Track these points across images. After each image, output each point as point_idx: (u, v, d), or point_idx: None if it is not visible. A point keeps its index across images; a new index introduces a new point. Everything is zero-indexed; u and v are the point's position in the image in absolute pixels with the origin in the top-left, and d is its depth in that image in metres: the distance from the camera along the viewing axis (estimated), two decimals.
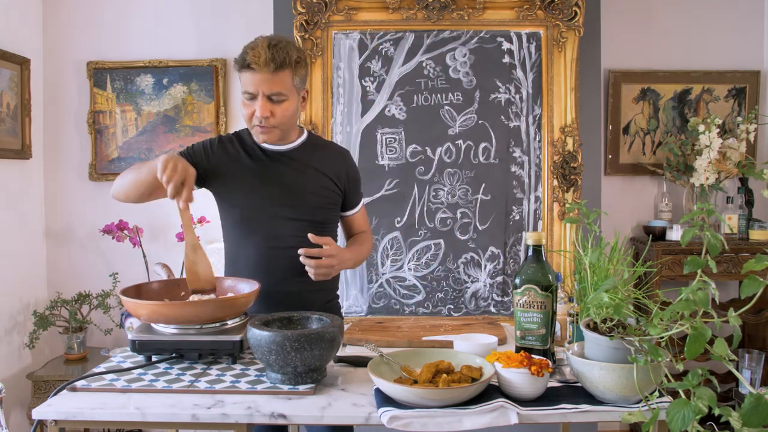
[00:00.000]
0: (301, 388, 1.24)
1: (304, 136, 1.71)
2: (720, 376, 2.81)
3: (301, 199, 1.64)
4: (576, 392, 1.22)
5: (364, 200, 2.66)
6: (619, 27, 3.05)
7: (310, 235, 1.53)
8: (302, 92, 1.63)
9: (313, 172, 1.67)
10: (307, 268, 1.54)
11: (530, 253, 1.37)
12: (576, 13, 2.65)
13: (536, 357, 1.22)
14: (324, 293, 1.70)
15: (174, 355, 1.38)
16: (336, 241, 1.76)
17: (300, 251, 1.53)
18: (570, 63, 2.65)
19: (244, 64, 1.53)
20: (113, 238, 2.80)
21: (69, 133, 3.04)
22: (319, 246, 1.54)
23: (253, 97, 1.54)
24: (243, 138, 1.69)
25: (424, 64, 2.70)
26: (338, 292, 1.83)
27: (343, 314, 2.65)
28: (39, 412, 1.15)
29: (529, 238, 1.37)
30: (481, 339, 1.47)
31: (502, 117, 2.69)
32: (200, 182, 1.65)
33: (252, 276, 1.61)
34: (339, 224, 1.83)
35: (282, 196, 1.63)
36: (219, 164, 1.64)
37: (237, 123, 3.02)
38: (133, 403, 1.17)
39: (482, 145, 2.70)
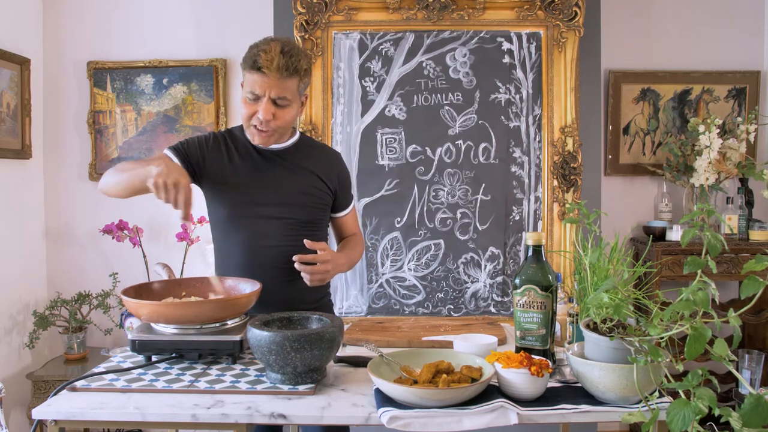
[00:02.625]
0: (301, 388, 1.24)
1: (297, 136, 1.71)
2: (720, 376, 2.81)
3: (292, 198, 1.64)
4: (576, 392, 1.21)
5: (365, 200, 2.69)
6: (619, 27, 3.05)
7: (306, 241, 1.53)
8: (302, 98, 1.64)
9: (305, 172, 1.67)
10: (302, 274, 1.54)
11: (530, 253, 1.37)
12: (576, 14, 2.65)
13: (536, 357, 1.22)
14: (315, 291, 1.69)
15: (174, 355, 1.38)
16: (327, 238, 1.78)
17: (294, 258, 1.53)
18: (570, 63, 2.65)
19: (255, 65, 1.51)
20: (113, 238, 2.80)
21: (69, 133, 3.04)
22: (314, 251, 1.54)
23: (257, 98, 1.54)
24: (236, 136, 1.69)
25: (424, 64, 2.70)
26: (330, 290, 1.83)
27: (342, 314, 2.67)
28: (39, 412, 1.15)
29: (529, 238, 1.37)
30: (481, 339, 1.47)
31: (502, 117, 2.69)
32: (193, 178, 1.64)
33: (240, 275, 1.61)
34: (327, 226, 1.83)
35: (272, 195, 1.63)
36: (212, 161, 1.64)
37: (237, 123, 3.01)
38: (133, 403, 1.17)
39: (482, 145, 2.70)
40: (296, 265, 1.53)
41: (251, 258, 1.63)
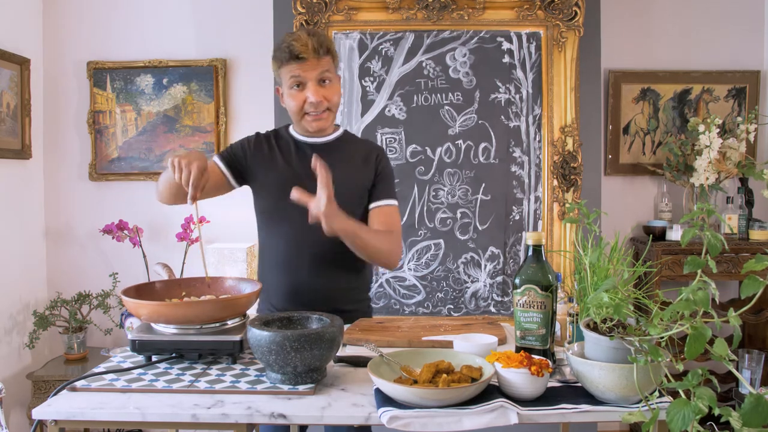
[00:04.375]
0: (301, 388, 1.23)
1: (340, 131, 1.73)
2: (720, 376, 2.81)
3: (333, 192, 1.62)
4: (576, 392, 1.21)
5: None
6: (619, 27, 3.05)
7: (314, 160, 1.46)
8: (338, 77, 1.67)
9: (346, 166, 1.66)
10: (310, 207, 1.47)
11: (530, 253, 1.36)
12: (576, 13, 2.65)
13: (536, 357, 1.21)
14: (353, 292, 1.69)
15: (174, 355, 1.38)
16: None
17: (293, 193, 1.45)
18: (570, 63, 2.65)
19: (291, 55, 1.54)
20: (113, 238, 2.80)
21: (69, 133, 3.04)
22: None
23: (301, 84, 1.56)
24: (279, 134, 1.72)
25: (424, 64, 2.70)
26: (370, 294, 1.81)
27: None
28: (39, 412, 1.15)
29: (529, 238, 1.37)
30: (481, 339, 1.46)
31: (502, 117, 2.69)
32: (240, 180, 1.70)
33: (279, 271, 1.64)
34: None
35: (310, 188, 1.62)
36: (255, 160, 1.67)
37: (237, 123, 3.02)
38: (133, 403, 1.17)
39: (482, 145, 2.70)
40: (292, 195, 1.46)
41: (291, 252, 1.64)
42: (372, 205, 1.68)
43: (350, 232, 1.53)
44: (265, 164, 1.67)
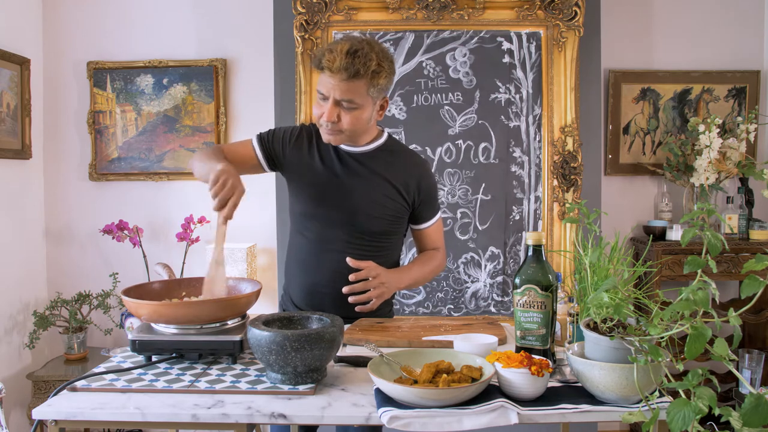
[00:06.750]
0: (301, 388, 1.24)
1: (381, 140, 1.67)
2: (720, 376, 2.81)
3: (360, 206, 1.61)
4: (576, 392, 1.21)
5: None
6: (619, 27, 3.05)
7: (348, 259, 1.53)
8: (380, 101, 1.58)
9: (379, 179, 1.63)
10: (357, 307, 1.57)
11: (530, 253, 1.36)
12: (576, 13, 2.65)
13: (536, 357, 1.21)
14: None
15: (174, 355, 1.38)
16: (400, 251, 1.76)
17: (344, 290, 1.53)
18: (570, 63, 2.65)
19: (319, 65, 1.50)
20: (113, 238, 2.80)
21: (69, 133, 3.04)
22: (359, 276, 1.55)
23: (325, 98, 1.52)
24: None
25: (424, 64, 2.70)
26: (393, 301, 1.80)
27: None
28: (39, 412, 1.15)
29: (529, 238, 1.37)
30: (481, 339, 1.46)
31: (502, 117, 2.69)
32: (273, 167, 1.68)
33: (300, 272, 1.64)
34: (404, 236, 1.78)
35: (340, 200, 1.61)
36: (292, 156, 1.66)
37: (237, 123, 3.02)
38: (133, 403, 1.17)
39: (482, 145, 2.70)
40: (350, 299, 1.54)
41: (313, 259, 1.64)
42: (421, 226, 1.74)
43: (412, 284, 1.71)
44: (302, 164, 1.64)
